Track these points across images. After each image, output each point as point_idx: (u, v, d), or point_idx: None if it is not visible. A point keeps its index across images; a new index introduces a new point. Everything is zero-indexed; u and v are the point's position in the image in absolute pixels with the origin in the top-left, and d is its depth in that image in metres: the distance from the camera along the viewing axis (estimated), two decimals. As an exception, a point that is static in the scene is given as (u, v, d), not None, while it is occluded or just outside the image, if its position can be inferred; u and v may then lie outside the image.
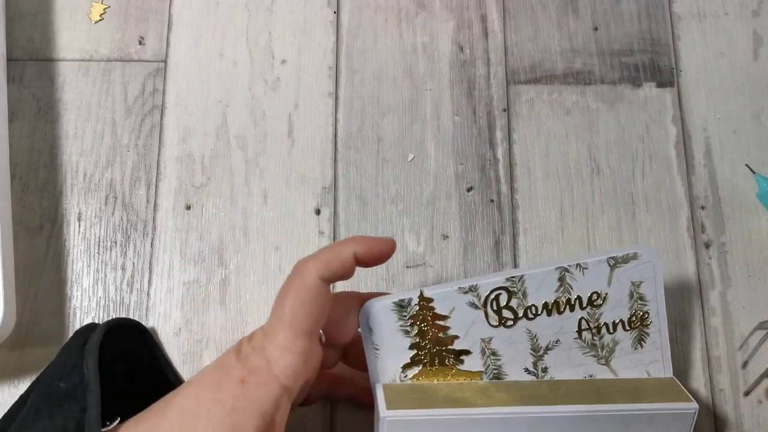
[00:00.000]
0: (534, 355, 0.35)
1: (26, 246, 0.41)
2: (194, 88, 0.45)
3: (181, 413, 0.28)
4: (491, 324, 0.34)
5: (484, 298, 0.34)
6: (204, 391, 0.28)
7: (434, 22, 0.46)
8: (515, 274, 0.34)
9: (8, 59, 0.44)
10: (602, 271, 0.35)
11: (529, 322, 0.35)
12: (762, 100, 0.46)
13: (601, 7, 0.47)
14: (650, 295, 0.35)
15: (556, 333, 0.35)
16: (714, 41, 0.47)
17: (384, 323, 0.34)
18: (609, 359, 0.36)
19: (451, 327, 0.34)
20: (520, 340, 0.35)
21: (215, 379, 0.29)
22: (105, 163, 0.43)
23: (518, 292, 0.34)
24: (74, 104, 0.44)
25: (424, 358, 0.34)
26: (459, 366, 0.35)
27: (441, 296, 0.34)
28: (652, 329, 0.36)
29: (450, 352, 0.35)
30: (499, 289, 0.34)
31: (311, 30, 0.46)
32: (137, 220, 0.43)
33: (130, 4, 0.46)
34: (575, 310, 0.35)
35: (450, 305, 0.34)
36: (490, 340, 0.35)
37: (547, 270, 0.34)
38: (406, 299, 0.34)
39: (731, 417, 0.40)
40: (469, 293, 0.34)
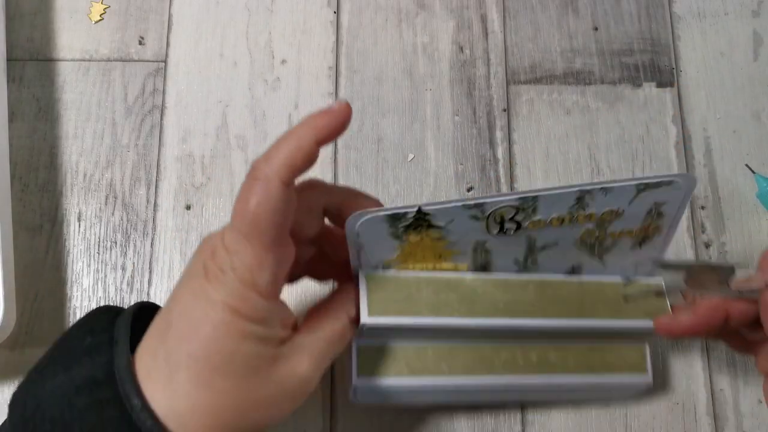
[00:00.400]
0: (527, 252, 0.34)
1: (26, 246, 0.41)
2: (194, 88, 0.45)
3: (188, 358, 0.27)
4: (491, 232, 0.32)
5: (489, 213, 0.31)
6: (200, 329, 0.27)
7: (434, 22, 0.46)
8: (528, 195, 0.30)
9: (8, 59, 0.44)
10: (627, 193, 0.32)
11: (531, 231, 0.32)
12: (762, 100, 0.46)
13: (601, 7, 0.47)
14: (669, 213, 0.33)
15: (557, 237, 0.33)
16: (714, 41, 0.47)
17: (373, 230, 0.30)
18: (603, 255, 0.35)
19: (446, 235, 0.32)
20: (518, 243, 0.33)
21: (203, 314, 0.27)
22: (105, 163, 0.43)
23: (528, 209, 0.31)
24: (74, 104, 0.44)
25: (411, 252, 0.32)
26: (446, 260, 0.33)
27: (441, 211, 0.31)
28: (656, 237, 0.35)
29: (439, 251, 0.33)
30: (508, 207, 0.31)
31: (311, 30, 0.46)
32: (137, 220, 0.43)
33: (130, 4, 0.46)
34: (584, 222, 0.33)
35: (449, 218, 0.31)
36: (486, 242, 0.33)
37: (567, 192, 0.31)
38: (401, 212, 0.30)
39: (731, 417, 0.40)
40: (473, 209, 0.31)
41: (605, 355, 0.37)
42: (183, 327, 0.28)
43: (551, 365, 0.36)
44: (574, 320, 0.34)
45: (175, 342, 0.27)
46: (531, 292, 0.34)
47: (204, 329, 0.27)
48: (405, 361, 0.34)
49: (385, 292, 0.32)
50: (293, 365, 0.29)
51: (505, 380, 0.35)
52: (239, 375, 0.27)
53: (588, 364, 0.36)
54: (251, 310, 0.27)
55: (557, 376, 0.36)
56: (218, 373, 0.27)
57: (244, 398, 0.27)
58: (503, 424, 0.40)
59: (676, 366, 0.41)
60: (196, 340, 0.27)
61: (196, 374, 0.27)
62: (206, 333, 0.27)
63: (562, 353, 0.36)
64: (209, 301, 0.27)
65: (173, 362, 0.27)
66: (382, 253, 0.32)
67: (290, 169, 0.27)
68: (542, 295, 0.34)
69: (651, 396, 0.40)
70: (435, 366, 0.34)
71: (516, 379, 0.35)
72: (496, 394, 0.38)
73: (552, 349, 0.36)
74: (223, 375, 0.27)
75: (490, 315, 0.33)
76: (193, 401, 0.27)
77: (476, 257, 0.33)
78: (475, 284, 0.34)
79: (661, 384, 0.41)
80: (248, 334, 0.27)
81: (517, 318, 0.33)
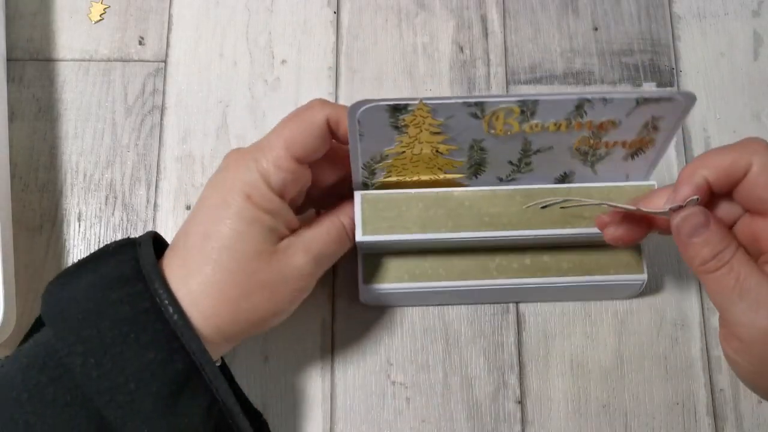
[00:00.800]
0: (522, 154, 0.35)
1: (26, 246, 0.41)
2: (194, 88, 0.45)
3: (203, 239, 0.31)
4: (489, 132, 0.33)
5: (489, 112, 0.32)
6: (215, 212, 0.32)
7: (434, 23, 0.46)
8: (528, 98, 0.31)
9: (8, 59, 0.44)
10: (627, 105, 0.32)
11: (528, 134, 0.33)
12: (762, 100, 0.46)
13: (601, 7, 0.47)
14: (665, 127, 0.34)
15: (552, 142, 0.34)
16: (714, 41, 0.47)
17: (374, 119, 0.32)
18: (595, 164, 0.36)
19: (445, 130, 0.33)
20: (514, 144, 0.34)
21: (220, 199, 0.32)
22: (105, 163, 0.43)
23: (527, 112, 0.32)
24: (74, 104, 0.44)
25: (410, 146, 0.34)
26: (443, 155, 0.35)
27: (442, 107, 0.32)
28: (649, 151, 0.35)
29: (437, 146, 0.34)
30: (508, 107, 0.32)
31: (311, 30, 0.46)
32: (137, 220, 0.43)
33: (130, 4, 0.46)
34: (581, 130, 0.34)
35: (449, 113, 0.32)
36: (482, 141, 0.34)
37: (567, 98, 0.32)
38: (402, 103, 0.31)
39: (731, 417, 0.40)
40: (473, 107, 0.32)
41: (600, 257, 0.38)
42: (203, 212, 0.32)
43: (545, 268, 0.38)
44: (558, 230, 0.36)
45: (194, 225, 0.32)
46: (517, 204, 0.36)
47: (219, 212, 0.32)
48: (405, 268, 0.38)
49: (378, 211, 0.36)
50: (291, 255, 0.33)
51: (500, 283, 0.38)
52: (245, 256, 0.31)
53: (582, 266, 0.38)
54: (262, 199, 0.32)
55: (552, 278, 0.38)
56: (227, 252, 0.31)
57: (247, 278, 0.31)
58: (503, 425, 0.40)
59: (677, 366, 0.41)
60: (211, 222, 0.32)
61: (208, 252, 0.31)
62: (221, 215, 0.31)
63: (556, 256, 0.38)
64: (227, 189, 0.32)
65: (190, 245, 0.32)
66: (381, 143, 0.33)
67: (336, 116, 0.33)
68: (526, 209, 0.36)
69: (651, 396, 0.40)
70: (433, 272, 0.38)
71: (511, 282, 0.38)
72: (493, 297, 0.40)
73: (546, 253, 0.38)
74: (231, 254, 0.31)
75: (476, 228, 0.36)
76: (204, 277, 0.31)
77: (472, 155, 0.35)
78: (463, 197, 0.36)
79: (661, 382, 0.41)
80: (257, 219, 0.32)
81: (501, 230, 0.35)
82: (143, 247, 0.32)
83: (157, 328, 0.29)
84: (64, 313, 0.30)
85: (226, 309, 0.31)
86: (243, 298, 0.31)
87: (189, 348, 0.30)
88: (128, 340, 0.29)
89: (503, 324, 0.41)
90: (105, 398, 0.28)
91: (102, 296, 0.30)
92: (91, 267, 0.32)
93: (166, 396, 0.29)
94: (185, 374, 0.29)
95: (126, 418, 0.28)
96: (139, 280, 0.30)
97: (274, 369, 0.40)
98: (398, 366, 0.41)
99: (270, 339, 0.41)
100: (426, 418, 0.40)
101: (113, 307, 0.29)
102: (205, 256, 0.31)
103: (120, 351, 0.29)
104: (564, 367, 0.41)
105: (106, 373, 0.28)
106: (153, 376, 0.29)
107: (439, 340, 0.41)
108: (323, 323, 0.41)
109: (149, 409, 0.29)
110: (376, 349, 0.41)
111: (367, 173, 0.35)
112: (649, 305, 0.42)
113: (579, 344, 0.41)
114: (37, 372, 0.29)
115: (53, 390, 0.28)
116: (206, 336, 0.31)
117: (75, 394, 0.28)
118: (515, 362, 0.41)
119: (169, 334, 0.29)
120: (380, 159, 0.34)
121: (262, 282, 0.32)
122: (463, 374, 0.40)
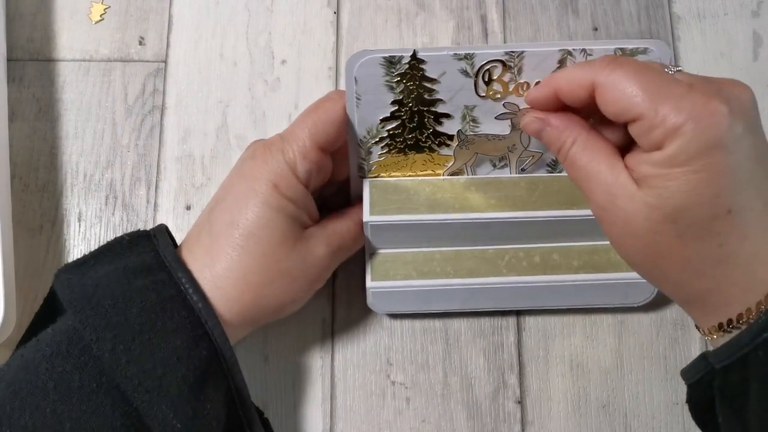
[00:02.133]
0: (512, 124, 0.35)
1: (26, 246, 0.41)
2: (194, 88, 0.45)
3: (229, 226, 0.32)
4: (479, 94, 0.34)
5: (478, 68, 0.33)
6: (243, 200, 0.33)
7: (434, 23, 0.46)
8: (515, 50, 0.33)
9: (8, 59, 0.44)
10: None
11: (517, 98, 0.34)
12: (762, 101, 0.46)
13: (601, 8, 0.47)
14: None
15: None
16: (714, 41, 0.47)
17: (370, 75, 0.33)
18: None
19: (437, 90, 0.34)
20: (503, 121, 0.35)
21: (248, 187, 0.33)
22: (105, 164, 0.43)
23: (514, 68, 0.33)
24: (74, 104, 0.44)
25: (404, 114, 0.35)
26: (437, 127, 0.35)
27: (434, 59, 0.33)
28: None
29: (431, 113, 0.35)
30: (495, 62, 0.33)
31: (311, 30, 0.46)
32: (137, 220, 0.43)
33: (130, 4, 0.46)
34: None
35: (441, 69, 0.33)
36: (474, 108, 0.35)
37: (550, 50, 0.33)
38: (397, 56, 0.33)
39: (731, 417, 0.40)
40: (463, 60, 0.33)
41: (611, 254, 0.38)
42: (229, 200, 0.33)
43: (555, 266, 0.38)
44: (564, 211, 0.36)
45: (219, 213, 0.33)
46: (523, 189, 0.37)
47: (247, 200, 0.32)
48: (413, 266, 0.38)
49: (386, 194, 0.36)
50: (312, 246, 0.34)
51: (509, 281, 0.38)
52: (270, 243, 0.32)
53: (593, 264, 0.38)
54: (288, 188, 0.33)
55: (561, 276, 0.38)
56: (253, 239, 0.32)
57: (270, 265, 0.32)
58: (503, 425, 0.40)
59: (677, 366, 0.41)
60: (238, 210, 0.32)
61: (234, 239, 0.32)
62: (248, 203, 0.32)
63: (566, 254, 0.38)
64: (255, 178, 0.33)
65: (215, 232, 0.33)
66: (377, 109, 0.34)
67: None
68: (533, 190, 0.37)
69: (651, 396, 0.40)
70: (441, 269, 0.38)
71: (520, 280, 0.38)
72: (502, 299, 0.39)
73: (555, 251, 0.38)
74: (257, 241, 0.32)
75: (483, 210, 0.36)
76: (228, 263, 0.32)
77: (464, 126, 0.35)
78: (470, 183, 0.37)
79: (661, 382, 0.41)
80: (282, 208, 0.33)
81: (507, 211, 0.36)
82: (160, 239, 0.33)
83: (183, 315, 0.30)
84: (91, 300, 0.30)
85: (248, 294, 0.32)
86: (265, 285, 0.32)
87: (212, 334, 0.30)
88: (156, 326, 0.30)
89: (503, 324, 0.41)
90: (133, 383, 0.29)
91: (128, 284, 0.30)
92: (107, 258, 0.32)
93: (192, 382, 0.30)
94: (209, 361, 0.30)
95: (153, 403, 0.29)
96: (161, 270, 0.31)
97: (274, 369, 0.40)
98: (398, 366, 0.41)
99: (270, 339, 0.41)
100: (426, 418, 0.40)
101: (140, 294, 0.30)
102: (231, 242, 0.32)
103: (148, 338, 0.29)
104: (564, 368, 0.41)
105: (135, 358, 0.29)
106: (179, 362, 0.29)
107: (439, 340, 0.41)
108: (323, 323, 0.41)
109: (175, 395, 0.29)
110: (376, 349, 0.41)
111: (364, 152, 0.36)
112: (649, 305, 0.41)
113: (579, 344, 0.41)
114: (62, 360, 0.29)
115: (78, 377, 0.29)
116: (228, 320, 0.32)
117: (100, 381, 0.29)
118: (515, 362, 0.41)
119: (194, 320, 0.30)
120: (376, 133, 0.35)
121: (284, 270, 0.33)
122: (463, 374, 0.40)
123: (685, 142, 0.26)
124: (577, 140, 0.30)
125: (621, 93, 0.27)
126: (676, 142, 0.26)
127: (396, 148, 0.36)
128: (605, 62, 0.28)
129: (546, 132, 0.31)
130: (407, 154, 0.36)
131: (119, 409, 0.29)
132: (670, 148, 0.26)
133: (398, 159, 0.36)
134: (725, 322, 0.28)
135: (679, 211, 0.27)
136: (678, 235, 0.27)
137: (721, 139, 0.26)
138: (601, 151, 0.29)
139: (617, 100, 0.27)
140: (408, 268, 0.38)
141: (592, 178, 0.29)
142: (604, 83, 0.28)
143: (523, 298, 0.40)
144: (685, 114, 0.26)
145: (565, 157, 0.30)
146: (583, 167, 0.29)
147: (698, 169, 0.26)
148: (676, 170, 0.26)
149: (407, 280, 0.38)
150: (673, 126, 0.26)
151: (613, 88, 0.28)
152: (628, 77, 0.27)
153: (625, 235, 0.29)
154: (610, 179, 0.28)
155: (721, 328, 0.28)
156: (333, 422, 0.40)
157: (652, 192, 0.27)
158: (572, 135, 0.30)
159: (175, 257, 0.32)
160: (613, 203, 0.28)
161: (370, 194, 0.37)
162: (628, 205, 0.28)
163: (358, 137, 0.35)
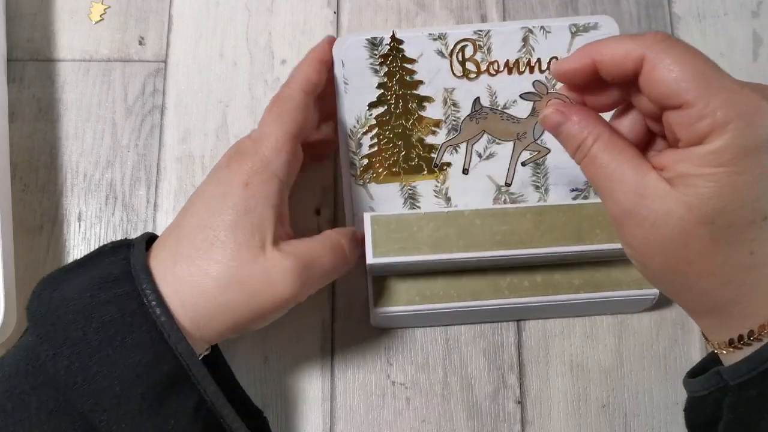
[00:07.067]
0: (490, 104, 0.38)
1: (26, 246, 0.41)
2: (194, 88, 0.45)
3: (197, 229, 0.31)
4: (455, 74, 0.37)
5: (451, 48, 0.38)
6: (213, 203, 0.32)
7: (434, 23, 0.46)
8: (483, 28, 0.38)
9: (8, 59, 0.44)
10: (564, 37, 0.38)
11: (490, 78, 0.38)
12: (762, 101, 0.46)
13: (601, 7, 0.47)
14: None
15: (514, 93, 0.38)
16: (714, 41, 0.47)
17: (355, 59, 0.37)
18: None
19: (417, 72, 0.37)
20: (480, 94, 0.38)
21: (219, 192, 0.32)
22: (105, 164, 0.43)
23: (483, 47, 0.38)
24: (74, 104, 0.44)
25: (390, 98, 0.37)
26: (421, 112, 0.38)
27: (411, 39, 0.38)
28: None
29: (414, 97, 0.38)
30: (466, 41, 0.38)
31: (311, 30, 0.46)
32: (137, 220, 0.43)
33: (130, 5, 0.46)
34: (534, 72, 0.38)
35: (419, 50, 0.38)
36: (453, 91, 0.38)
37: (513, 28, 0.38)
38: (378, 37, 0.37)
39: (731, 417, 0.40)
40: (438, 41, 0.38)
41: (611, 272, 0.38)
42: (199, 204, 0.33)
43: (557, 285, 0.38)
44: (571, 247, 0.36)
45: (189, 217, 0.32)
46: (528, 222, 0.36)
47: (216, 203, 0.32)
48: (416, 290, 0.38)
49: (388, 233, 0.36)
50: (279, 258, 0.32)
51: (511, 302, 0.38)
52: (229, 247, 0.31)
53: (594, 282, 0.38)
54: (260, 185, 0.32)
55: (563, 295, 0.38)
56: (217, 243, 0.31)
57: (228, 270, 0.31)
58: (503, 425, 0.40)
59: (676, 366, 0.41)
60: (207, 213, 0.32)
61: (197, 242, 0.31)
62: (218, 206, 0.32)
63: (567, 274, 0.38)
64: (228, 182, 0.32)
65: (182, 235, 0.32)
66: (364, 95, 0.37)
67: (308, 82, 0.35)
68: (539, 223, 0.36)
69: (651, 396, 0.40)
70: (444, 293, 0.38)
71: (522, 301, 0.38)
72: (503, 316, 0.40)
73: (557, 271, 0.38)
74: (218, 244, 0.31)
75: (488, 247, 0.36)
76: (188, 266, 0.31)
77: (446, 111, 0.38)
78: (474, 216, 0.36)
79: (661, 382, 0.41)
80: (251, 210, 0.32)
81: (513, 249, 0.36)
82: (136, 248, 0.32)
83: (144, 330, 0.29)
84: (52, 315, 0.29)
85: (202, 301, 0.30)
86: (219, 292, 0.30)
87: (176, 350, 0.29)
88: (114, 342, 0.28)
89: (503, 324, 0.41)
90: (90, 402, 0.28)
91: (91, 297, 0.29)
92: (87, 267, 0.31)
93: (152, 398, 0.29)
94: (172, 376, 0.29)
95: (111, 422, 0.28)
96: (127, 281, 0.30)
97: (274, 369, 0.40)
98: (398, 366, 0.41)
99: (270, 339, 0.41)
100: (426, 418, 0.40)
101: (101, 309, 0.29)
102: (193, 245, 0.31)
103: (106, 354, 0.28)
104: (564, 368, 0.41)
105: (91, 376, 0.28)
106: (139, 379, 0.28)
107: (439, 341, 0.41)
108: (323, 323, 0.41)
109: (135, 412, 0.28)
110: (376, 349, 0.41)
111: (354, 144, 0.37)
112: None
113: (579, 344, 0.41)
114: (20, 380, 0.28)
115: (36, 398, 0.28)
116: (188, 329, 0.30)
117: (58, 400, 0.28)
118: (515, 362, 0.41)
119: (155, 336, 0.29)
120: (365, 121, 0.37)
121: (242, 279, 0.31)
122: (463, 374, 0.40)
123: (733, 138, 0.24)
124: (599, 138, 0.28)
125: (673, 75, 0.25)
126: (723, 138, 0.25)
127: (385, 138, 0.37)
128: (658, 38, 0.26)
129: (566, 127, 0.29)
130: (396, 144, 0.38)
131: (79, 429, 0.28)
132: (715, 143, 0.25)
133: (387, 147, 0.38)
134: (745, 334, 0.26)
135: (719, 212, 0.25)
136: (712, 238, 0.25)
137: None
138: (625, 150, 0.28)
139: (667, 82, 0.25)
140: (411, 292, 0.38)
141: (615, 178, 0.27)
142: (654, 59, 0.26)
143: (523, 314, 0.40)
144: (737, 110, 0.24)
145: (585, 155, 0.28)
146: (605, 166, 0.27)
147: (743, 170, 0.25)
148: (721, 170, 0.25)
149: (411, 305, 0.38)
150: (722, 120, 0.24)
151: (664, 68, 0.26)
152: (684, 60, 0.26)
153: (650, 239, 0.27)
154: (635, 178, 0.27)
155: (732, 344, 0.27)
156: (333, 422, 0.40)
157: (690, 191, 0.25)
158: (594, 132, 0.28)
159: (143, 266, 0.31)
160: (639, 204, 0.26)
161: (372, 233, 0.36)
162: (660, 205, 0.26)
163: (348, 128, 0.36)
